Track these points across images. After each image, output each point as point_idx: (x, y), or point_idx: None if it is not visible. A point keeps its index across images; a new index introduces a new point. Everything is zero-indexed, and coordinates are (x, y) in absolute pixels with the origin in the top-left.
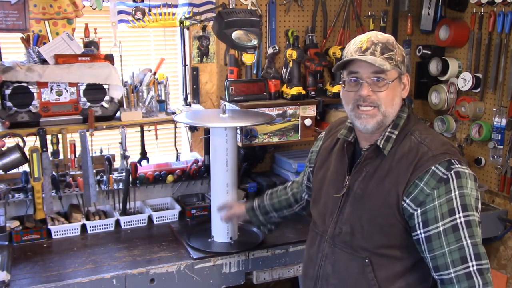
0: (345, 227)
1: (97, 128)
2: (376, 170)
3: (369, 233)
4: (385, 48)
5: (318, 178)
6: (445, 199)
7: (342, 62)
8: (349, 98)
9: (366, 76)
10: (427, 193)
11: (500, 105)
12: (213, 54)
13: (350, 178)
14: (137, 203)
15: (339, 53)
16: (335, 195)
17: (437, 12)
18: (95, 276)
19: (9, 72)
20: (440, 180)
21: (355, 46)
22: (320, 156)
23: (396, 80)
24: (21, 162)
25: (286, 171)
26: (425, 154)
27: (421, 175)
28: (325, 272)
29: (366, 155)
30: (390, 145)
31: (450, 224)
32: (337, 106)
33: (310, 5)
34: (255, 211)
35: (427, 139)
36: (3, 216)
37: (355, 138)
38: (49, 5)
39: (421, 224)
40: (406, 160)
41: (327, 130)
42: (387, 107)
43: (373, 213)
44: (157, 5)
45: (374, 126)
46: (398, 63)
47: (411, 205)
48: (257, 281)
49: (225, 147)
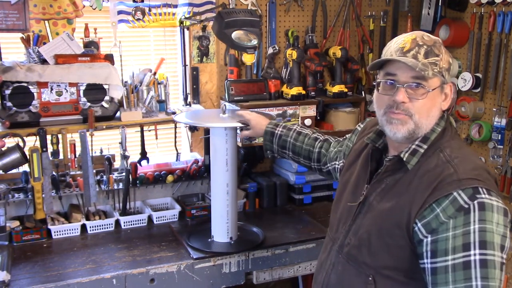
0: (354, 239)
1: (97, 128)
2: (396, 184)
3: (376, 251)
4: (430, 51)
5: (343, 181)
6: (461, 232)
7: (379, 61)
8: (382, 102)
9: (404, 81)
10: (441, 221)
11: (500, 105)
12: (213, 54)
13: (369, 187)
14: (137, 203)
15: (339, 53)
16: (351, 203)
17: (437, 12)
18: (95, 276)
19: (9, 72)
20: (460, 209)
21: (397, 45)
22: (349, 158)
23: (438, 89)
24: (21, 162)
25: (286, 171)
26: (448, 176)
27: (439, 199)
28: (330, 282)
29: (388, 166)
30: (416, 159)
31: (462, 260)
32: (337, 106)
33: (310, 5)
34: (274, 137)
35: (457, 159)
36: (3, 216)
37: (384, 145)
38: (49, 5)
39: (429, 254)
40: (427, 179)
41: (362, 129)
42: (421, 118)
43: (383, 231)
44: (157, 5)
45: (404, 135)
46: (442, 70)
47: (422, 230)
48: (257, 281)
49: (225, 147)
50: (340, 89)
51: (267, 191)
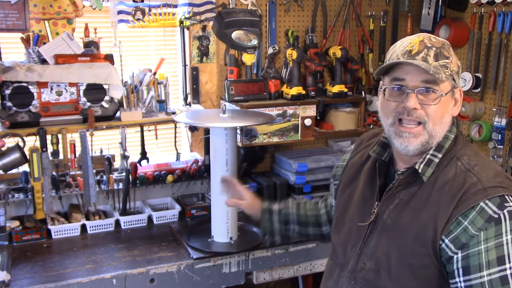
0: (369, 262)
1: (97, 128)
2: (412, 198)
3: (397, 274)
4: (440, 53)
5: (343, 200)
6: (494, 244)
7: (386, 65)
8: (389, 110)
9: (414, 85)
10: (472, 234)
11: (500, 105)
12: (213, 54)
13: (380, 204)
14: (137, 203)
15: (339, 53)
16: (360, 223)
17: (437, 12)
18: (95, 276)
19: (9, 72)
20: (490, 219)
21: (403, 48)
22: (347, 173)
23: (449, 94)
24: (21, 162)
25: (286, 171)
26: (473, 186)
27: (466, 212)
28: None
29: (400, 180)
30: (431, 170)
31: (498, 275)
32: (337, 106)
33: (310, 5)
34: (273, 215)
35: (477, 167)
36: (3, 216)
37: (390, 157)
38: (49, 5)
39: (461, 271)
40: (449, 190)
41: (357, 143)
42: (435, 125)
43: (404, 251)
44: (157, 5)
45: (417, 148)
46: (453, 74)
47: (451, 246)
48: (257, 281)
49: (225, 147)
50: (340, 89)
51: (267, 191)
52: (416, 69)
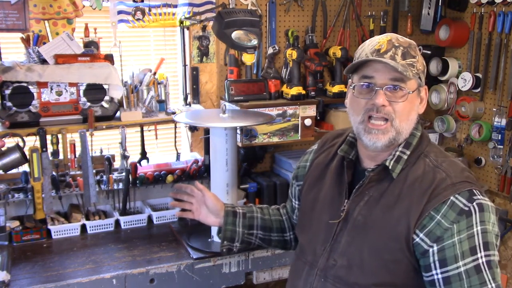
0: (341, 259)
1: (97, 128)
2: (383, 195)
3: (370, 269)
4: (407, 53)
5: (308, 199)
6: (466, 235)
7: (356, 63)
8: (359, 107)
9: (382, 83)
10: (445, 227)
11: (500, 105)
12: (213, 54)
13: (350, 202)
14: (137, 203)
15: (339, 53)
16: (330, 220)
17: (437, 12)
18: (95, 276)
19: (9, 72)
20: (461, 212)
21: (371, 47)
22: (312, 173)
23: (415, 92)
24: (21, 162)
25: (286, 171)
26: (442, 181)
27: (438, 206)
28: None
29: (371, 177)
30: (400, 166)
31: (473, 265)
32: (337, 106)
33: (310, 5)
34: (237, 218)
35: (445, 164)
36: (3, 216)
37: (357, 156)
38: (49, 5)
39: (438, 263)
40: (420, 186)
41: (320, 143)
42: (402, 122)
43: (377, 246)
44: (157, 5)
45: (385, 144)
46: (419, 72)
47: (426, 240)
48: (257, 281)
49: (225, 147)
50: (340, 89)
51: (267, 191)
52: (384, 67)
